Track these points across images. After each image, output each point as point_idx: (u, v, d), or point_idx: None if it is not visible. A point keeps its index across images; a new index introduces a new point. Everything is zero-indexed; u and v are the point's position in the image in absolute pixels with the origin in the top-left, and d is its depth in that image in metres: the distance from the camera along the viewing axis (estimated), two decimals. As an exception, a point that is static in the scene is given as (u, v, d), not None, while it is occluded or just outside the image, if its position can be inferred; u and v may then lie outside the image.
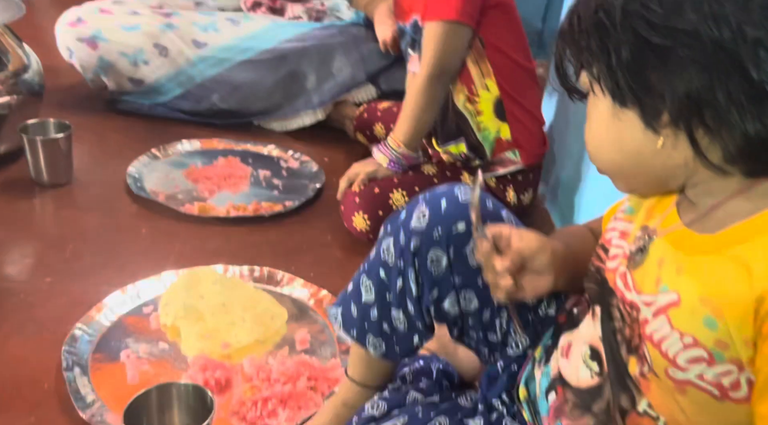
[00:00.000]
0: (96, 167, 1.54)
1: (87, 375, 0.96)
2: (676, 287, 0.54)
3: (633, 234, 0.63)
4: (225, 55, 1.74)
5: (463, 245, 0.72)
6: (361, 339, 0.79)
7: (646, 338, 0.56)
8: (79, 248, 1.26)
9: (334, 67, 1.76)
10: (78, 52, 1.70)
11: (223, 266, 1.21)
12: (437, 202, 0.73)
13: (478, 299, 0.74)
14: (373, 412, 0.78)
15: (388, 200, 1.31)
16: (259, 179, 1.56)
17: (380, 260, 0.76)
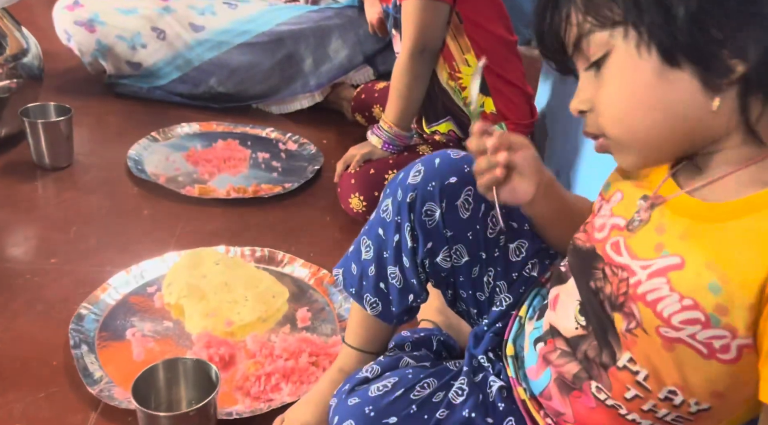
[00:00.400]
0: (96, 149, 1.56)
1: (94, 352, 0.98)
2: (679, 251, 0.56)
3: (625, 204, 0.64)
4: (222, 38, 1.75)
5: (455, 198, 0.76)
6: (358, 297, 0.83)
7: (637, 297, 0.58)
8: (82, 229, 1.28)
9: (330, 49, 1.78)
10: (76, 36, 1.71)
11: (225, 247, 1.23)
12: (432, 160, 0.78)
13: (468, 255, 0.78)
14: (367, 374, 0.81)
15: (383, 182, 1.33)
16: (258, 162, 1.58)
17: (379, 218, 0.80)
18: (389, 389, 0.75)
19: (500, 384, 0.73)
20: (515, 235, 0.79)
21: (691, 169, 0.59)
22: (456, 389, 0.74)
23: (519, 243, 0.79)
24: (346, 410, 0.76)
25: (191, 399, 0.86)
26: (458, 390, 0.75)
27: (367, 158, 1.36)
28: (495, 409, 0.73)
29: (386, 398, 0.74)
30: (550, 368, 0.69)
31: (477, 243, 0.77)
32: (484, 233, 0.78)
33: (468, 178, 0.75)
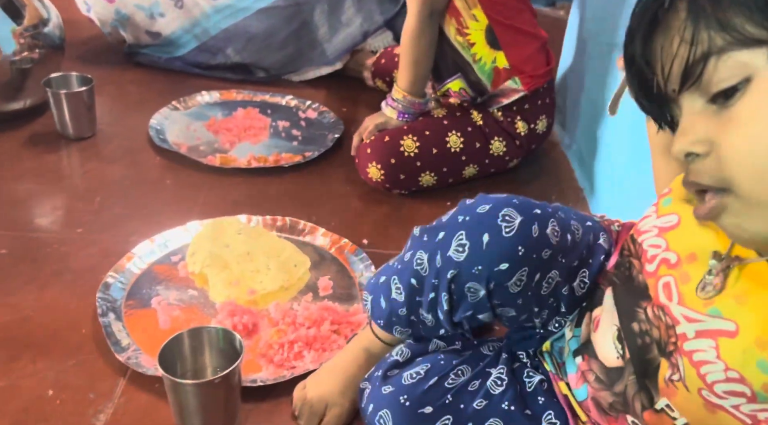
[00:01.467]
0: (119, 119, 1.57)
1: (121, 320, 1.01)
2: (734, 316, 0.50)
3: (682, 238, 0.57)
4: (240, 5, 1.73)
5: (506, 280, 0.68)
6: (387, 328, 0.80)
7: (683, 353, 0.54)
8: (106, 199, 1.29)
9: (344, 17, 1.76)
10: (95, 6, 1.71)
11: (246, 216, 1.24)
12: (479, 235, 0.67)
13: (517, 312, 0.72)
14: (397, 358, 0.81)
15: (399, 148, 1.32)
16: (278, 130, 1.58)
17: (413, 268, 0.74)
18: (422, 377, 0.75)
19: (540, 377, 0.73)
20: (575, 272, 0.73)
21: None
22: (495, 378, 0.73)
23: (581, 277, 0.73)
24: (380, 399, 0.75)
25: (216, 366, 0.88)
26: (497, 380, 0.74)
27: (382, 128, 1.35)
28: (534, 402, 0.72)
29: (420, 386, 0.74)
30: (588, 386, 0.67)
31: (527, 304, 0.71)
32: (538, 294, 0.71)
33: (523, 260, 0.67)
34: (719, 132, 0.45)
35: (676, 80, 0.46)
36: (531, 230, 0.68)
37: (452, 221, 0.71)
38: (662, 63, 0.47)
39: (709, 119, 0.46)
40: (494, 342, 0.83)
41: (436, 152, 1.34)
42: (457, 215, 0.71)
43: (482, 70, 1.34)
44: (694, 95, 0.46)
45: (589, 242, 0.75)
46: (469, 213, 0.70)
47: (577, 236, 0.74)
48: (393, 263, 0.79)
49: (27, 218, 1.23)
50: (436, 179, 1.36)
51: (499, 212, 0.68)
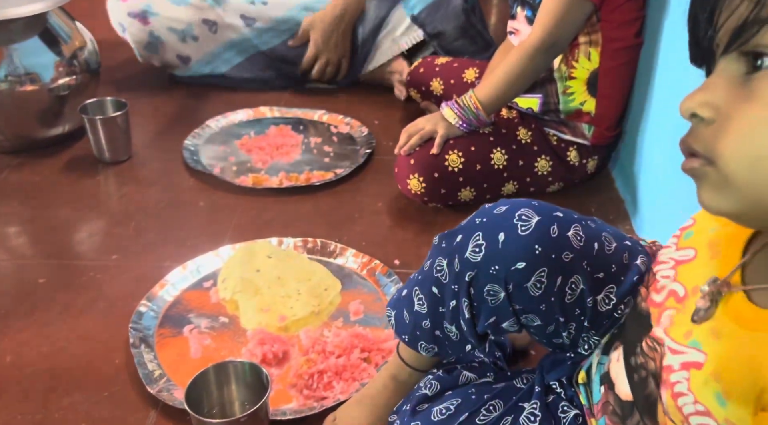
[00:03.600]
0: (154, 141, 1.59)
1: (153, 350, 1.01)
2: (707, 348, 0.49)
3: (695, 270, 0.56)
4: (283, 26, 1.74)
5: (524, 281, 0.66)
6: (412, 344, 0.78)
7: (668, 384, 0.52)
8: (141, 224, 1.31)
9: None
10: (130, 28, 1.73)
11: (278, 239, 1.24)
12: (495, 235, 0.66)
13: (542, 320, 0.70)
14: (426, 391, 0.79)
15: (444, 162, 1.29)
16: (310, 147, 1.57)
17: (433, 276, 0.72)
18: (452, 412, 0.72)
19: (575, 413, 0.69)
20: (601, 284, 0.70)
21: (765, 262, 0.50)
22: (528, 414, 0.70)
23: (606, 292, 0.70)
24: None
25: (243, 400, 0.87)
26: (530, 415, 0.70)
27: (433, 133, 1.30)
28: None
29: (450, 423, 0.72)
30: (606, 418, 0.64)
31: (551, 311, 0.68)
32: (561, 300, 0.68)
33: (540, 260, 0.65)
34: (732, 104, 0.44)
35: (725, 37, 0.44)
36: (549, 230, 0.66)
37: (470, 223, 0.70)
38: (719, 14, 0.44)
39: (732, 90, 0.44)
40: (529, 374, 0.80)
41: (480, 168, 1.31)
42: (475, 217, 0.71)
43: (567, 104, 1.32)
44: (732, 60, 0.44)
45: (623, 259, 0.71)
46: (487, 215, 0.69)
47: (606, 248, 0.70)
48: (415, 275, 0.78)
49: (65, 245, 1.25)
50: (475, 194, 1.33)
51: (516, 212, 0.67)
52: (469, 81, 1.54)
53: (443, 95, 1.59)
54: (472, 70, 1.55)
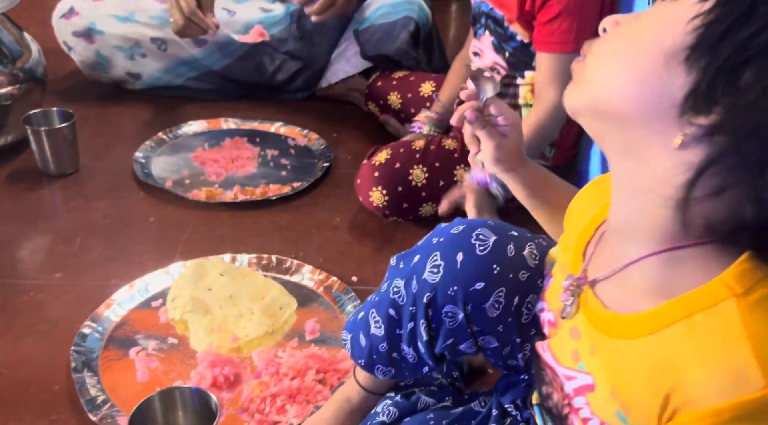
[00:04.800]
0: (102, 154, 1.53)
1: (97, 374, 0.96)
2: (591, 369, 0.50)
3: (554, 290, 0.57)
4: (234, 46, 1.69)
5: (483, 301, 0.66)
6: (369, 368, 0.76)
7: (573, 410, 0.52)
8: (87, 240, 1.25)
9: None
10: (75, 48, 1.66)
11: (231, 256, 1.20)
12: (453, 255, 0.66)
13: (499, 341, 0.69)
14: (384, 418, 0.77)
15: (407, 176, 1.27)
16: (266, 159, 1.54)
17: (390, 298, 0.71)
18: None
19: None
20: None
21: (603, 245, 0.53)
22: None
23: None
24: None
25: (192, 427, 0.83)
26: None
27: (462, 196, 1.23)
28: None
29: None
30: None
31: (508, 332, 0.68)
32: (518, 321, 0.68)
33: (499, 280, 0.65)
34: (626, 22, 0.49)
35: None
36: (506, 250, 0.67)
37: (427, 243, 0.70)
38: None
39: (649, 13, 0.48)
40: (486, 397, 0.78)
41: (443, 184, 1.29)
42: (432, 237, 0.71)
43: None
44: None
45: None
46: (444, 234, 0.69)
47: None
48: (371, 297, 0.77)
49: (5, 263, 1.19)
50: (436, 209, 1.32)
51: (473, 232, 0.67)
52: (425, 95, 1.54)
53: (401, 109, 1.57)
54: (429, 83, 1.55)
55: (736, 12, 0.41)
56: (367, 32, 1.68)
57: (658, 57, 0.44)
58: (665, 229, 0.47)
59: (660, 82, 0.44)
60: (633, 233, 0.50)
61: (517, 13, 1.18)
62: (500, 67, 1.28)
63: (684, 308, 0.45)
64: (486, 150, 0.69)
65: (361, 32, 1.69)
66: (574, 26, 1.13)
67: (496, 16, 1.23)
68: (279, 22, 1.74)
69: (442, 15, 2.36)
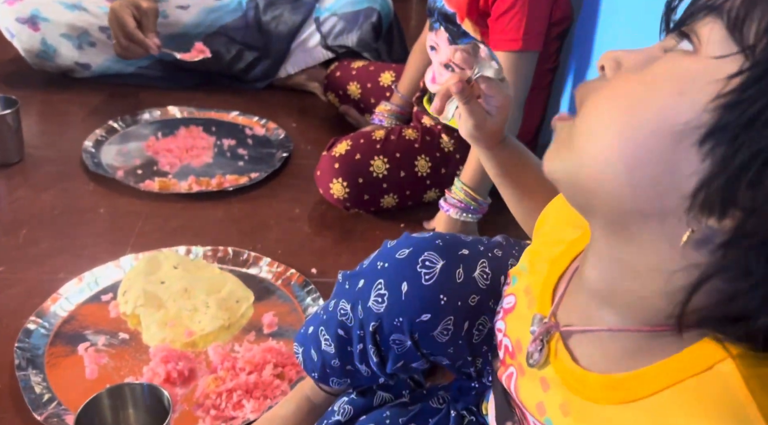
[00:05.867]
0: (49, 142, 1.47)
1: (43, 372, 0.92)
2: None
3: (518, 316, 0.53)
4: (182, 38, 1.64)
5: (431, 330, 0.63)
6: (323, 380, 0.75)
7: None
8: (33, 232, 1.20)
9: None
10: (19, 35, 1.58)
11: (186, 248, 1.16)
12: (398, 285, 0.63)
13: (450, 359, 0.67)
14: (339, 417, 0.75)
15: (368, 168, 1.25)
16: (223, 149, 1.50)
17: (338, 319, 0.69)
18: None
19: None
20: None
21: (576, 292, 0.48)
22: None
23: None
24: None
25: (143, 425, 0.80)
26: None
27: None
28: None
29: None
30: None
31: (460, 352, 0.66)
32: (469, 342, 0.65)
33: (446, 309, 0.62)
34: (630, 69, 0.40)
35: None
36: (454, 275, 0.63)
37: (372, 267, 0.67)
38: None
39: (643, 59, 0.40)
40: (445, 392, 0.77)
41: (404, 175, 1.28)
42: (377, 260, 0.67)
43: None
44: (672, 37, 0.40)
45: None
46: (389, 259, 0.66)
47: None
48: (320, 312, 0.74)
49: (-57, 257, 1.13)
50: (397, 200, 1.30)
51: (419, 258, 0.64)
52: (385, 85, 1.52)
53: (361, 99, 1.55)
54: (389, 73, 1.53)
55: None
56: (328, 21, 1.66)
57: (665, 134, 0.36)
58: (651, 313, 0.41)
59: (665, 167, 0.36)
60: (611, 302, 0.44)
61: (467, 11, 1.17)
62: (454, 64, 1.27)
63: (672, 373, 0.39)
64: (465, 125, 0.66)
65: (322, 21, 1.66)
66: (524, 23, 1.12)
67: (448, 12, 1.22)
68: (233, 10, 1.69)
69: (402, 5, 2.35)
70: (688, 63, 0.37)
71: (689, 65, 0.37)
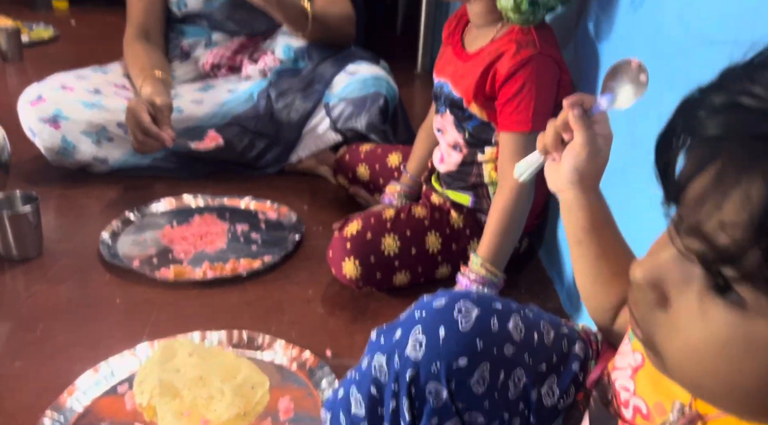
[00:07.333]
0: (67, 236, 1.50)
1: (58, 469, 0.91)
2: None
3: (652, 394, 0.52)
4: (196, 130, 1.70)
5: (468, 377, 0.64)
6: None
7: None
8: (50, 325, 1.21)
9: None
10: (41, 134, 1.65)
11: (200, 334, 1.16)
12: (435, 330, 0.64)
13: (486, 418, 0.67)
14: None
15: (379, 246, 1.27)
16: (236, 234, 1.52)
17: (371, 376, 0.69)
18: None
19: None
20: (542, 377, 0.68)
21: None
22: None
23: (549, 384, 0.68)
24: None
25: None
26: None
27: None
28: None
29: None
30: None
31: (496, 408, 0.66)
32: (505, 396, 0.66)
33: (482, 355, 0.63)
34: (685, 311, 0.39)
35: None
36: (490, 324, 0.65)
37: (409, 317, 0.69)
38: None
39: (688, 292, 0.39)
40: None
41: (415, 252, 1.29)
42: (414, 311, 0.69)
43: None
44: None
45: (562, 349, 0.70)
46: (426, 308, 0.68)
47: (546, 338, 0.69)
48: (352, 374, 0.74)
49: (-39, 354, 1.14)
50: (410, 278, 1.31)
51: (455, 305, 0.66)
52: (392, 165, 1.56)
53: (370, 180, 1.59)
54: (395, 154, 1.57)
55: None
56: (338, 107, 1.72)
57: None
58: None
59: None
60: None
61: (473, 95, 1.21)
62: (461, 145, 1.30)
63: None
64: (577, 156, 0.68)
65: (331, 107, 1.72)
66: (532, 106, 1.15)
67: (454, 97, 1.26)
68: (245, 101, 1.77)
69: (407, 88, 2.44)
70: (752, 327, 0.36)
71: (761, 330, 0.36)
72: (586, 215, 0.70)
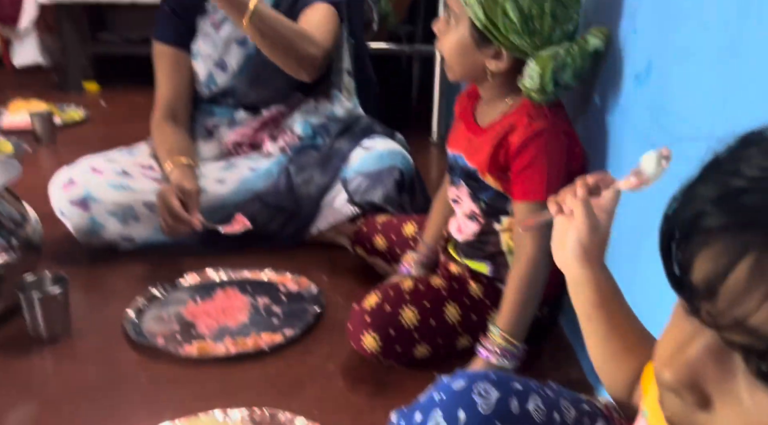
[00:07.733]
0: (94, 314, 1.54)
1: None
2: None
3: None
4: (221, 208, 1.76)
5: None
6: None
7: None
8: (76, 406, 1.22)
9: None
10: (70, 215, 1.72)
11: (221, 412, 1.17)
12: (454, 413, 0.65)
13: None
14: None
15: (398, 317, 1.27)
16: (258, 308, 1.54)
17: None
18: None
19: None
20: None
21: None
22: None
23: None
24: None
25: None
26: None
27: None
28: None
29: None
30: None
31: None
32: None
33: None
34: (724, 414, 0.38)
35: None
36: (510, 406, 0.65)
37: (428, 400, 0.69)
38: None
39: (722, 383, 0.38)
40: None
41: (435, 324, 1.30)
42: (433, 393, 0.69)
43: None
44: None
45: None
46: (445, 390, 0.68)
47: (567, 417, 0.69)
48: None
49: (-10, 438, 1.16)
50: (430, 350, 1.31)
51: (474, 388, 0.66)
52: (408, 236, 1.58)
53: (387, 250, 1.62)
54: (411, 224, 1.60)
55: None
56: (355, 181, 1.76)
57: None
58: None
59: None
60: None
61: (488, 167, 1.23)
62: (477, 215, 1.32)
63: None
64: (578, 230, 0.70)
65: (348, 181, 1.77)
66: (545, 176, 1.17)
67: (469, 169, 1.29)
68: (265, 176, 1.82)
69: (423, 156, 2.49)
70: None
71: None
72: (594, 289, 0.71)
